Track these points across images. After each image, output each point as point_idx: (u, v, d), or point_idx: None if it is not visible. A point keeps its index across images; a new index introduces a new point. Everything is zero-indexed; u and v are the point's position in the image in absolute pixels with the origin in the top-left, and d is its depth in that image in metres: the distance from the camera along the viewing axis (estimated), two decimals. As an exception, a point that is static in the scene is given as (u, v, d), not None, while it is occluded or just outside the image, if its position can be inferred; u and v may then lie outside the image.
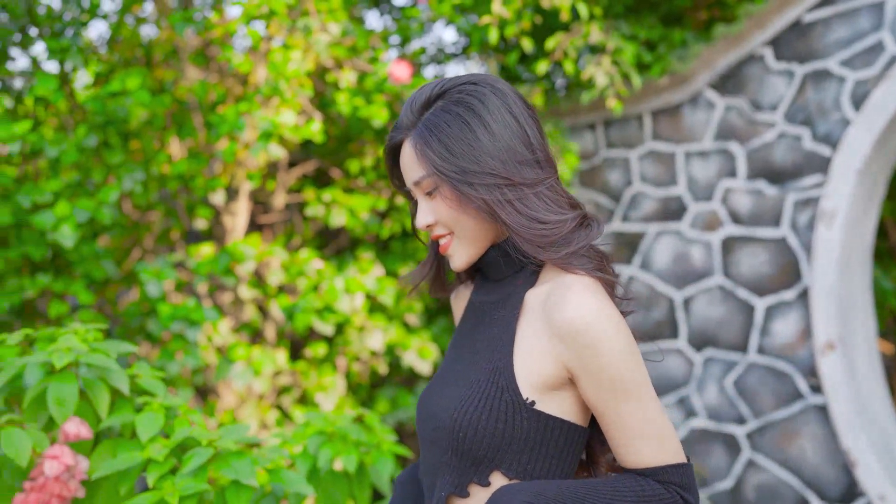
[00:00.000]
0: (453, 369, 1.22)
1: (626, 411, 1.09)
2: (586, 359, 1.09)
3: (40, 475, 1.55)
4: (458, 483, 1.13)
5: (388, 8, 4.73)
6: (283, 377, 3.89)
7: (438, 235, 1.21)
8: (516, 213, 1.12)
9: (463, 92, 1.16)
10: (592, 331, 1.08)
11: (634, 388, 1.10)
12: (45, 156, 3.23)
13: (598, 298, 1.10)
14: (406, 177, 1.21)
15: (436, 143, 1.14)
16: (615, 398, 1.09)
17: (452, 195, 1.15)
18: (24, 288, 3.22)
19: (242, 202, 3.86)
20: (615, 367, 1.09)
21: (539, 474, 1.13)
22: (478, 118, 1.13)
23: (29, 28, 3.46)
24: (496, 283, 1.25)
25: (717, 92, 3.55)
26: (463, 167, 1.12)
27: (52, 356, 1.63)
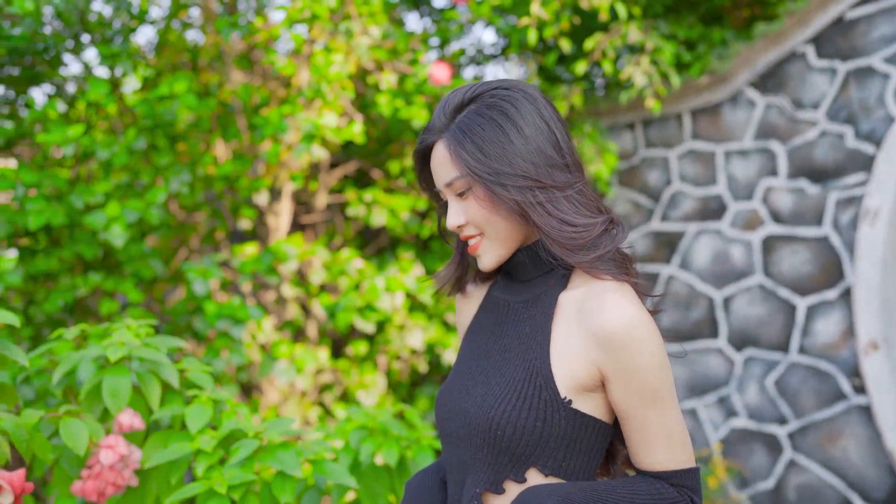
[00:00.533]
0: (478, 367, 1.24)
1: (651, 416, 1.13)
2: (622, 363, 1.12)
3: (96, 464, 1.61)
4: (494, 480, 1.16)
5: (428, 10, 4.78)
6: (325, 375, 3.95)
7: (468, 236, 1.23)
8: (547, 216, 1.15)
9: (496, 96, 1.19)
10: (631, 337, 1.11)
11: (662, 395, 1.13)
12: (96, 158, 3.33)
13: (636, 305, 1.14)
14: (437, 178, 1.23)
15: (470, 144, 1.16)
16: (643, 403, 1.13)
17: (485, 196, 1.17)
18: (77, 286, 3.32)
19: (285, 202, 3.93)
20: (648, 373, 1.12)
21: (573, 470, 1.17)
22: (511, 122, 1.16)
23: (81, 34, 3.57)
24: (523, 284, 1.27)
25: (758, 90, 3.53)
26: (496, 169, 1.15)
27: (106, 350, 1.70)
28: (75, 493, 1.62)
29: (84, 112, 3.55)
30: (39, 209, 3.11)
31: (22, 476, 1.38)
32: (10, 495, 1.35)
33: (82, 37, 3.59)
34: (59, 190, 3.28)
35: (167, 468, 1.73)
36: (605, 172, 3.68)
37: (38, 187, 3.17)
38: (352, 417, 2.14)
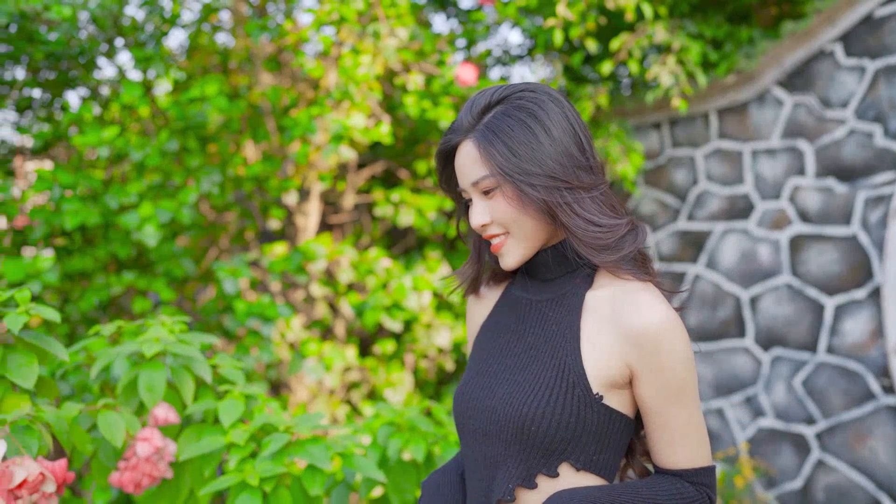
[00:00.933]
0: (501, 365, 1.25)
1: (675, 413, 1.17)
2: (654, 360, 1.15)
3: (133, 456, 1.66)
4: (527, 474, 1.17)
5: (455, 11, 4.81)
6: (353, 373, 3.99)
7: (492, 235, 1.25)
8: (574, 216, 1.18)
9: (523, 98, 1.21)
10: (663, 335, 1.15)
11: (688, 393, 1.17)
12: (130, 159, 3.40)
13: (667, 304, 1.18)
14: (463, 177, 1.24)
15: (500, 144, 1.18)
16: (669, 400, 1.16)
17: (514, 195, 1.19)
18: (111, 285, 3.39)
19: (314, 203, 3.98)
20: (678, 371, 1.16)
21: (602, 464, 1.19)
22: (539, 123, 1.19)
23: (115, 39, 3.65)
24: (545, 283, 1.29)
25: (785, 89, 3.51)
26: (526, 168, 1.17)
27: (142, 346, 1.75)
28: (113, 483, 1.67)
29: (118, 114, 3.62)
30: (75, 210, 3.19)
31: (64, 466, 1.43)
32: (53, 484, 1.40)
33: (116, 41, 3.67)
34: (93, 191, 3.35)
35: (201, 461, 1.77)
36: (631, 172, 3.69)
37: (73, 188, 3.24)
38: (380, 414, 2.18)
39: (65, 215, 3.17)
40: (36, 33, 3.26)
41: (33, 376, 1.58)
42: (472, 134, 1.23)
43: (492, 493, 1.21)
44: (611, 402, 1.17)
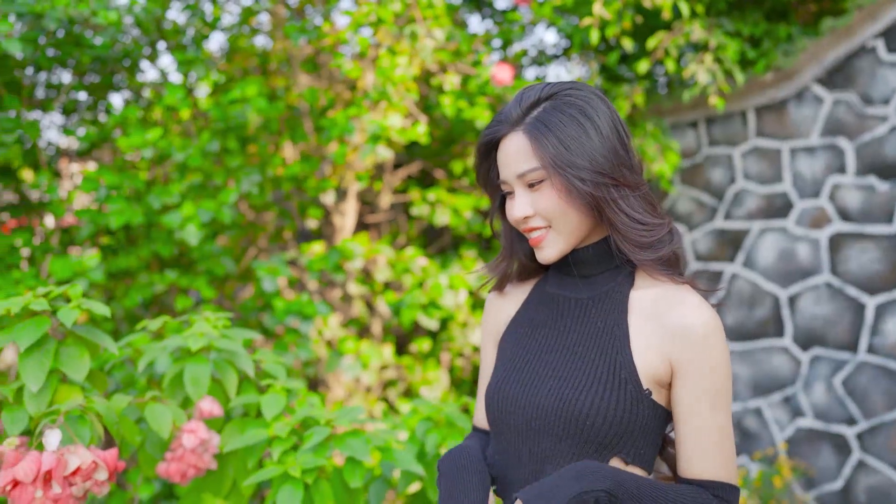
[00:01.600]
0: (542, 361, 1.26)
1: (711, 419, 1.18)
2: (697, 361, 1.17)
3: (179, 447, 1.71)
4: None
5: (490, 12, 4.83)
6: (389, 371, 4.03)
7: (532, 228, 1.26)
8: (620, 212, 1.20)
9: (572, 95, 1.23)
10: (708, 337, 1.18)
11: (724, 400, 1.19)
12: (172, 160, 3.47)
13: (711, 308, 1.21)
14: (507, 168, 1.25)
15: (552, 137, 1.20)
16: (707, 403, 1.18)
17: (563, 188, 1.21)
18: (154, 283, 3.47)
19: (351, 202, 4.03)
20: (719, 374, 1.18)
21: (647, 458, 1.22)
22: (589, 120, 1.21)
23: (157, 42, 3.73)
24: (585, 280, 1.30)
25: (825, 87, 3.48)
26: (577, 163, 1.19)
27: (187, 340, 1.80)
28: (160, 473, 1.72)
29: (161, 116, 3.70)
30: (120, 209, 3.27)
31: (115, 455, 1.48)
32: (105, 472, 1.45)
33: (158, 44, 3.75)
34: (137, 191, 3.43)
35: (244, 453, 1.82)
36: (667, 171, 3.68)
37: (118, 189, 3.32)
38: (417, 409, 2.21)
39: (110, 215, 3.25)
40: (82, 38, 3.34)
41: (85, 369, 1.63)
42: (521, 126, 1.24)
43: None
44: (657, 399, 1.20)
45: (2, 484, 1.37)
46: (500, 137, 1.27)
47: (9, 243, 3.35)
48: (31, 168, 3.72)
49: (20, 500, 1.38)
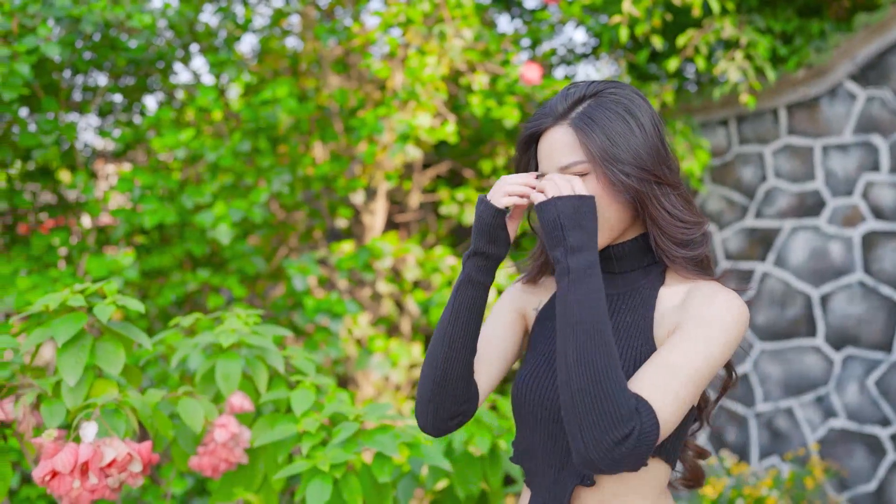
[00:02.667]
0: None
1: (674, 353, 1.13)
2: (694, 308, 1.18)
3: (211, 441, 1.74)
4: None
5: (519, 11, 4.83)
6: (417, 370, 4.06)
7: None
8: (661, 209, 1.23)
9: (616, 94, 1.26)
10: (719, 298, 1.19)
11: (700, 348, 1.14)
12: (204, 160, 3.52)
13: (741, 300, 1.21)
14: (551, 161, 1.25)
15: (599, 132, 1.22)
16: (678, 340, 1.15)
17: (606, 182, 1.22)
18: (186, 281, 3.53)
19: (380, 202, 4.06)
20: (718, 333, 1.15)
21: (670, 450, 1.23)
22: (633, 118, 1.24)
23: (190, 44, 3.79)
24: (615, 276, 1.31)
25: (858, 83, 3.44)
26: (622, 157, 1.21)
27: (219, 337, 1.83)
28: (192, 467, 1.75)
29: (194, 117, 3.76)
30: (154, 209, 3.32)
31: (149, 447, 1.52)
32: (139, 464, 1.49)
33: (191, 47, 3.81)
34: (170, 191, 3.49)
35: (274, 448, 1.85)
36: (697, 169, 3.66)
37: (151, 189, 3.38)
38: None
39: (144, 214, 3.31)
40: (117, 41, 3.41)
41: (120, 364, 1.67)
42: (566, 120, 1.26)
43: (566, 479, 1.23)
44: None
45: (41, 474, 1.41)
46: (544, 130, 1.28)
47: (47, 243, 3.42)
48: (68, 169, 3.80)
49: (59, 489, 1.42)
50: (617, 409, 1.06)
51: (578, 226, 1.14)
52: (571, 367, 1.09)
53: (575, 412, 1.08)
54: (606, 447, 1.05)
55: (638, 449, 1.05)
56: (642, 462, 1.07)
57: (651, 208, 1.22)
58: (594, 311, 1.11)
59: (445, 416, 1.29)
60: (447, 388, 1.26)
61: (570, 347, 1.10)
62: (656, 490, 1.23)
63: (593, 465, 1.07)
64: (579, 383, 1.08)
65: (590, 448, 1.06)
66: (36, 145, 3.32)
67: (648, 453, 1.07)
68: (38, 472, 1.42)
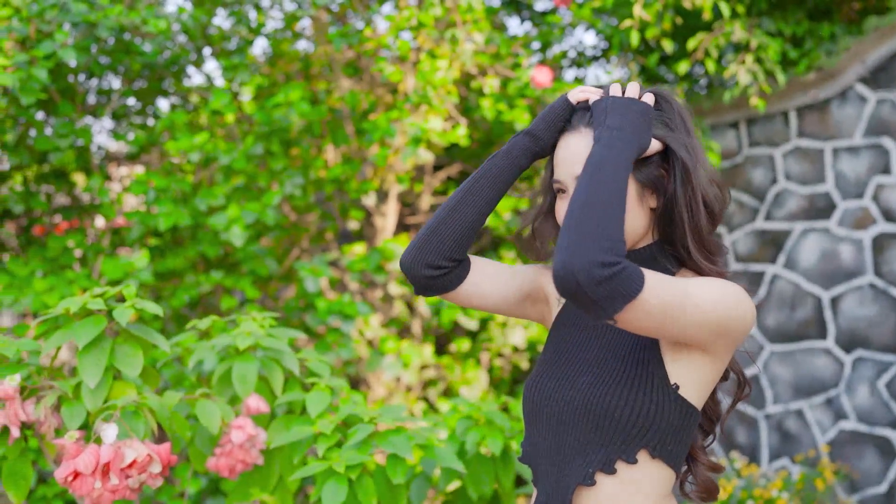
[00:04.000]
0: (578, 358, 1.29)
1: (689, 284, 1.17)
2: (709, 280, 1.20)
3: (228, 442, 1.77)
4: (607, 460, 1.21)
5: (529, 14, 4.85)
6: (429, 371, 4.08)
7: None
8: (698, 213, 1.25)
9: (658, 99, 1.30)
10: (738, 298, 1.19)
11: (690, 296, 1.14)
12: (218, 163, 3.56)
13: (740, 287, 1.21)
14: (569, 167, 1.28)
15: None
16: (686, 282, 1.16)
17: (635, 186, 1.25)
18: (200, 283, 3.56)
19: (391, 204, 4.08)
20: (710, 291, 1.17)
21: (674, 455, 1.24)
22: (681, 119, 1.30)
23: (203, 48, 3.82)
24: None
25: (869, 86, 3.45)
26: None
27: (236, 339, 1.86)
28: (210, 468, 1.78)
29: (208, 121, 3.79)
30: (168, 212, 3.36)
31: (168, 448, 1.55)
32: (159, 465, 1.52)
33: (204, 50, 3.84)
34: (184, 193, 3.53)
35: (289, 449, 1.87)
36: (707, 171, 3.67)
37: (165, 191, 3.42)
38: (457, 408, 2.25)
39: (159, 216, 3.35)
40: (132, 45, 3.45)
41: (139, 366, 1.70)
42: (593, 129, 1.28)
43: (568, 479, 1.25)
44: (686, 394, 1.22)
45: (64, 475, 1.44)
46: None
47: (62, 245, 3.46)
48: (83, 172, 3.84)
49: (80, 490, 1.45)
50: (617, 237, 1.08)
51: (621, 114, 1.19)
52: (590, 184, 1.12)
53: (578, 220, 1.09)
54: (589, 262, 1.05)
55: (615, 284, 1.06)
56: (613, 304, 1.07)
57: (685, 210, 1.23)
58: (617, 168, 1.14)
59: (423, 262, 1.30)
60: (438, 233, 1.29)
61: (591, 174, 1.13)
62: (659, 494, 1.24)
63: (568, 273, 1.06)
64: (595, 196, 1.11)
65: (574, 254, 1.06)
66: (52, 148, 3.36)
67: (621, 302, 1.07)
68: (60, 473, 1.45)
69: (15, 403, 1.63)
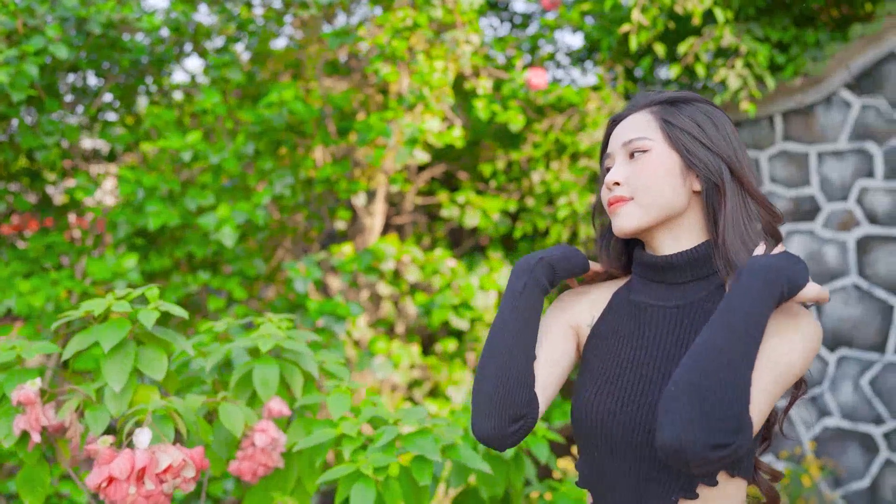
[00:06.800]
0: (636, 374, 1.21)
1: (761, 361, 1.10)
2: (784, 330, 1.13)
3: (250, 446, 1.75)
4: (688, 485, 1.14)
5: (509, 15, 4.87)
6: (418, 370, 4.07)
7: (617, 197, 1.25)
8: (734, 207, 1.22)
9: (699, 100, 1.28)
10: (803, 325, 1.14)
11: (780, 365, 1.11)
12: (201, 162, 3.50)
13: (818, 322, 1.19)
14: (618, 138, 1.27)
15: (684, 116, 1.25)
16: (766, 352, 1.10)
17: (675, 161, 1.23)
18: (188, 283, 3.51)
19: (379, 204, 4.07)
20: (794, 345, 1.12)
21: (748, 469, 1.20)
22: (717, 119, 1.26)
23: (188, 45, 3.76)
24: (672, 287, 1.26)
25: (853, 92, 3.53)
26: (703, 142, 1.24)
27: (257, 342, 1.84)
28: (232, 472, 1.76)
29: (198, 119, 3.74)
30: (157, 211, 3.30)
31: (201, 452, 1.52)
32: (193, 469, 1.49)
33: (186, 46, 3.78)
34: (171, 193, 3.47)
35: (309, 451, 1.86)
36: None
37: (153, 191, 3.36)
38: (468, 406, 2.25)
39: (149, 216, 3.29)
40: (119, 41, 3.38)
41: (163, 369, 1.67)
42: (646, 108, 1.28)
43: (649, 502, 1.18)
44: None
45: (98, 481, 1.41)
46: (624, 118, 1.30)
47: (44, 244, 3.39)
48: (63, 170, 3.76)
49: (115, 496, 1.42)
50: (734, 417, 1.01)
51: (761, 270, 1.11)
52: (710, 352, 1.04)
53: (699, 388, 1.02)
54: (704, 444, 0.99)
55: (725, 462, 1.01)
56: (714, 471, 1.05)
57: (724, 203, 1.21)
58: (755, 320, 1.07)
59: (507, 421, 1.19)
60: (509, 390, 1.19)
61: (719, 336, 1.05)
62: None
63: (679, 451, 1.00)
64: (710, 368, 1.03)
65: (690, 433, 0.99)
66: (38, 146, 3.29)
67: (724, 471, 1.06)
68: (93, 479, 1.42)
69: (36, 408, 1.60)
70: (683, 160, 1.23)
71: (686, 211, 1.25)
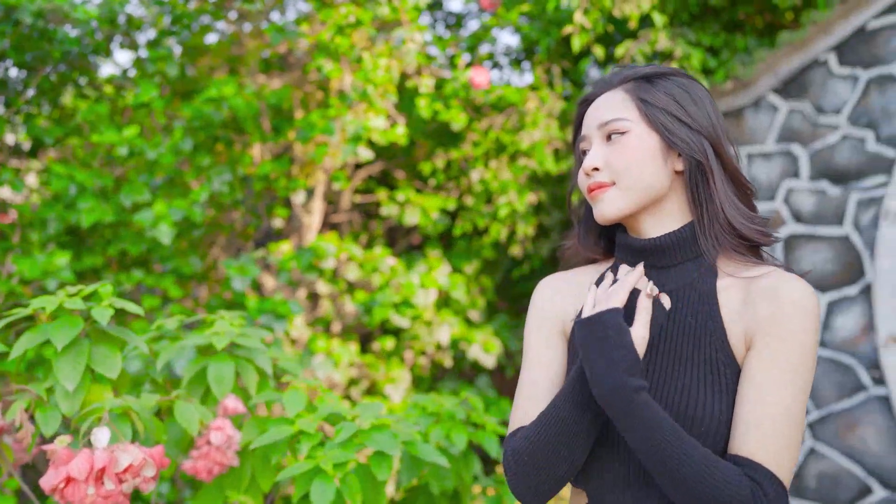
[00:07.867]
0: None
1: (777, 395, 1.07)
2: (785, 325, 1.09)
3: (205, 444, 1.72)
4: None
5: (444, 15, 4.90)
6: (356, 369, 4.06)
7: (598, 183, 1.20)
8: (717, 184, 1.18)
9: (677, 74, 1.23)
10: (800, 304, 1.10)
11: (798, 382, 1.08)
12: (145, 157, 3.42)
13: (812, 289, 1.13)
14: (592, 119, 1.22)
15: (660, 93, 1.19)
16: (777, 376, 1.08)
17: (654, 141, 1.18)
18: (121, 282, 3.42)
19: (318, 201, 4.04)
20: (803, 348, 1.09)
21: None
22: (694, 93, 1.22)
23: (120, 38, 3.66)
24: (659, 272, 1.21)
25: (780, 96, 3.67)
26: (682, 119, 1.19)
27: (212, 339, 1.81)
28: (186, 470, 1.73)
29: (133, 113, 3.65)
30: (91, 207, 3.21)
31: (161, 451, 1.49)
32: (153, 468, 1.46)
33: (121, 40, 3.68)
34: (105, 188, 3.37)
35: (264, 449, 1.84)
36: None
37: (87, 186, 3.26)
38: (418, 404, 2.27)
39: (81, 213, 3.19)
40: (51, 32, 3.27)
41: (117, 367, 1.63)
42: (619, 86, 1.22)
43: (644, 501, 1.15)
44: None
45: (55, 482, 1.37)
46: (596, 97, 1.25)
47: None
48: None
49: (72, 497, 1.38)
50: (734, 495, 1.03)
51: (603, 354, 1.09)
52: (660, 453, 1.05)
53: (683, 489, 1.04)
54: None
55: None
56: None
57: (707, 181, 1.17)
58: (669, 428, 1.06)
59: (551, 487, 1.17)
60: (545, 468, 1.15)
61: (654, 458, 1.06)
62: None
63: None
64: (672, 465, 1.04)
65: None
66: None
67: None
68: (50, 480, 1.38)
69: (-19, 410, 1.54)
70: (664, 140, 1.18)
71: (668, 192, 1.20)
